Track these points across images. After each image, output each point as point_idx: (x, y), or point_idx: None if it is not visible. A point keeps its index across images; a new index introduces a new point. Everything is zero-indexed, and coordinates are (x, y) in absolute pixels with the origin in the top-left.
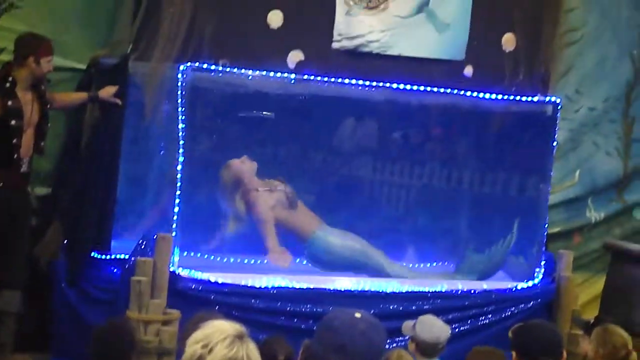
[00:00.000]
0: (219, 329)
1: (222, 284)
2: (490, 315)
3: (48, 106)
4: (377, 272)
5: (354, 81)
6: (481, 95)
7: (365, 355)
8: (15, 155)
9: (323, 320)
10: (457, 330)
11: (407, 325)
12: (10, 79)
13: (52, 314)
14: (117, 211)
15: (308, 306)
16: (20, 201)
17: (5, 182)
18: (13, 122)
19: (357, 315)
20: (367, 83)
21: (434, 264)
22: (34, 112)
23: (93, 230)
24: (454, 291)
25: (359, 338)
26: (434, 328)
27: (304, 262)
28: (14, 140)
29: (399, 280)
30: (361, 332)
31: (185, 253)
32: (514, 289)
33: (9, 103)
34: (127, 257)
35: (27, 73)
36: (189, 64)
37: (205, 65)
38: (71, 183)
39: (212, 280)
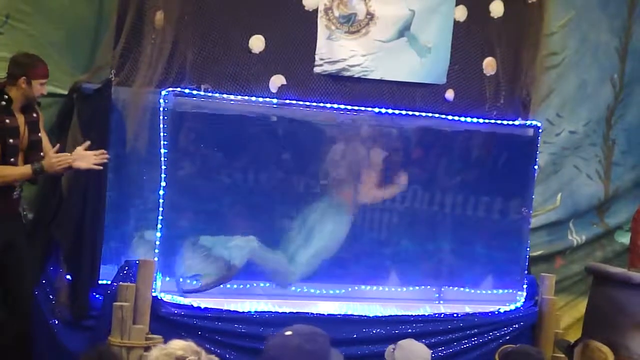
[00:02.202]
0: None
1: (205, 308)
2: (473, 339)
3: (39, 134)
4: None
5: (335, 105)
6: (462, 119)
7: None
8: None
9: (262, 352)
10: (440, 354)
11: (388, 350)
12: (6, 97)
13: (34, 343)
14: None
15: None
16: (15, 229)
17: (2, 207)
18: (10, 140)
19: (288, 333)
20: (349, 107)
21: (416, 287)
22: (24, 137)
23: (87, 260)
24: (436, 315)
25: (296, 353)
26: (412, 352)
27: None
28: (12, 160)
29: (382, 304)
30: (296, 347)
31: (167, 278)
32: (496, 312)
33: (7, 121)
34: (109, 282)
35: (19, 94)
36: (170, 89)
37: (187, 90)
38: (54, 209)
39: (195, 305)
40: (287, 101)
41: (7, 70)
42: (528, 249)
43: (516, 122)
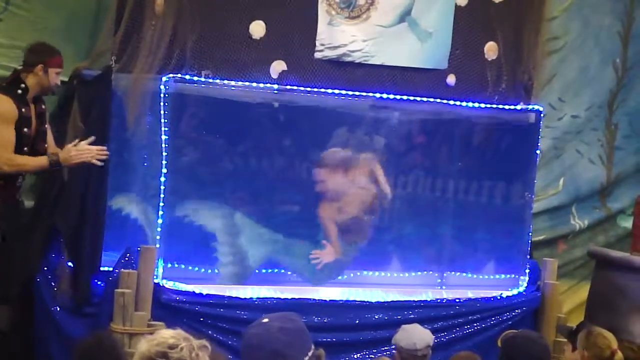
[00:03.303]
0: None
1: (207, 295)
2: (475, 324)
3: (46, 126)
4: None
5: (336, 91)
6: (464, 104)
7: (300, 344)
8: None
9: (242, 346)
10: (442, 339)
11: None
12: (22, 85)
13: (36, 329)
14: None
15: None
16: (16, 216)
17: (6, 198)
18: (25, 130)
19: (265, 320)
20: (350, 93)
21: (418, 273)
22: (34, 127)
23: (89, 248)
24: (439, 300)
25: (282, 334)
26: (412, 335)
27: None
28: (25, 149)
29: (384, 290)
30: (278, 329)
31: (169, 265)
32: (498, 297)
33: (23, 110)
34: (110, 269)
35: (35, 82)
36: (171, 75)
37: (187, 77)
38: (55, 196)
39: (197, 291)
40: (288, 87)
41: (24, 58)
42: (530, 234)
43: (518, 107)
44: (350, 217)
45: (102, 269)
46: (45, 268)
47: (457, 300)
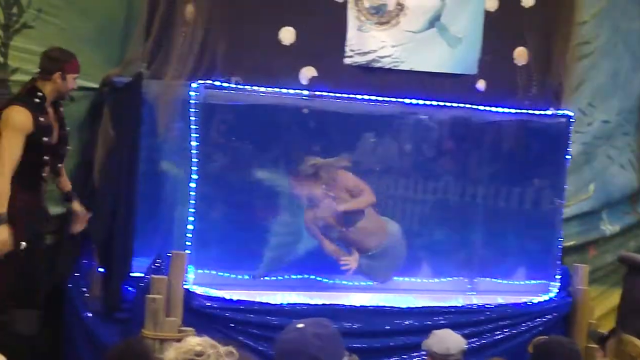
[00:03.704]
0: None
1: (237, 300)
2: (506, 330)
3: (67, 129)
4: None
5: (366, 96)
6: (494, 109)
7: (335, 349)
8: (43, 174)
9: (276, 352)
10: (473, 345)
11: (425, 340)
12: (39, 94)
13: (66, 334)
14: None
15: None
16: (40, 222)
17: (32, 203)
18: (45, 139)
19: (299, 325)
20: (380, 98)
21: (449, 278)
22: (55, 132)
23: (120, 253)
24: (469, 306)
25: (317, 340)
26: (445, 340)
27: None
28: (45, 157)
29: (414, 295)
30: (313, 334)
31: (199, 270)
32: (529, 303)
33: (41, 119)
34: (142, 275)
35: (52, 88)
36: (201, 81)
37: (217, 83)
38: (86, 202)
39: (227, 297)
40: (318, 93)
41: (40, 65)
42: (561, 240)
43: (548, 112)
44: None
45: (133, 274)
46: (77, 274)
47: (488, 306)
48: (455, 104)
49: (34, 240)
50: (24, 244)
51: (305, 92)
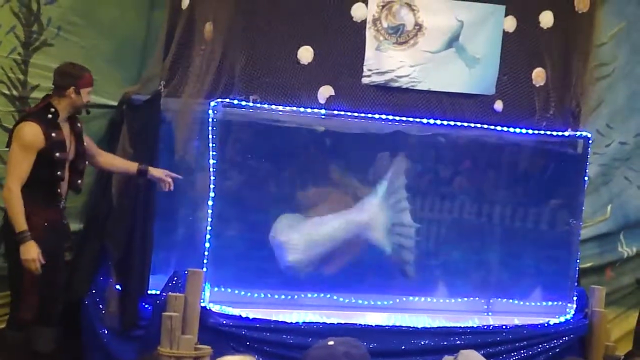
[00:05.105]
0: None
1: (253, 319)
2: (522, 351)
3: (85, 144)
4: None
5: (384, 116)
6: (511, 130)
7: None
8: (59, 190)
9: None
10: None
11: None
12: (52, 110)
13: (83, 351)
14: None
15: None
16: (60, 239)
17: (49, 220)
18: (57, 154)
19: (330, 342)
20: (397, 118)
21: (465, 299)
22: (71, 148)
23: (137, 271)
24: (485, 327)
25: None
26: None
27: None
28: (58, 173)
29: (430, 315)
30: (343, 354)
31: (216, 288)
32: (546, 324)
33: (53, 135)
34: (158, 292)
35: (67, 104)
36: (219, 100)
37: (235, 101)
38: (103, 218)
39: (243, 315)
40: (336, 112)
41: (54, 82)
42: (578, 261)
43: (566, 133)
44: None
45: (149, 292)
46: (94, 291)
47: (504, 327)
48: (472, 124)
49: (54, 257)
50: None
51: (323, 111)
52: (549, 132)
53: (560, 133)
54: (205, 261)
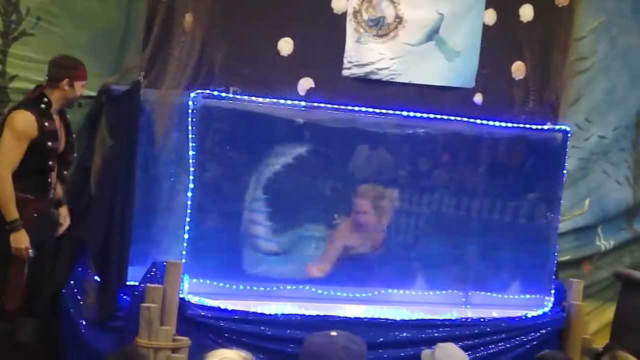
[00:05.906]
0: (227, 358)
1: (232, 310)
2: (500, 344)
3: (74, 135)
4: None
5: (363, 108)
6: (491, 123)
7: None
8: (49, 180)
9: (302, 351)
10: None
11: (425, 353)
12: (45, 100)
13: (62, 342)
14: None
15: None
16: (49, 229)
17: (38, 210)
18: (50, 144)
19: (333, 333)
20: (377, 110)
21: (443, 291)
22: (61, 139)
23: (115, 262)
24: (464, 319)
25: (344, 352)
26: (453, 355)
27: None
28: (50, 163)
29: (409, 308)
30: (343, 346)
31: (195, 280)
32: (524, 317)
33: (46, 124)
34: (137, 283)
35: (60, 96)
36: (199, 91)
37: (215, 93)
38: (82, 209)
39: (222, 307)
40: (315, 104)
41: (48, 73)
42: (556, 254)
43: (545, 127)
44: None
45: (128, 283)
46: (72, 281)
47: (482, 319)
48: (452, 117)
49: (42, 247)
50: (30, 250)
51: (303, 103)
52: (528, 126)
53: (539, 126)
54: (184, 252)
